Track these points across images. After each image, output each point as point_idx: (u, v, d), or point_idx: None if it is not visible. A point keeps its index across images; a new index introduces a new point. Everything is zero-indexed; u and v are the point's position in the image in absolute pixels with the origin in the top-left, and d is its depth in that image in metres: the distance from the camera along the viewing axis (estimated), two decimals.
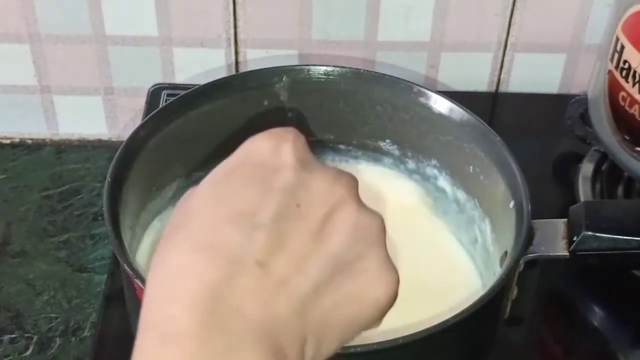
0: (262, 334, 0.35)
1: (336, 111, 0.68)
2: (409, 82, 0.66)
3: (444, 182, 0.68)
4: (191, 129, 0.65)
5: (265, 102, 0.67)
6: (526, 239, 0.56)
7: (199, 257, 0.37)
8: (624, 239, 0.57)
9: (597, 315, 0.69)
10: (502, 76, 0.86)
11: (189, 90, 0.65)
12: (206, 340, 0.35)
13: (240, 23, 0.81)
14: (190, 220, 0.38)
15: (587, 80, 0.76)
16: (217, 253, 0.37)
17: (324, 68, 0.67)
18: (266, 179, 0.39)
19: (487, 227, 0.64)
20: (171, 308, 0.36)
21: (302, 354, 0.37)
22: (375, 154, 0.70)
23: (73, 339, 0.70)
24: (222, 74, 0.84)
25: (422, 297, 0.59)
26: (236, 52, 0.83)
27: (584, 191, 0.75)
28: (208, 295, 0.35)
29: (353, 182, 0.41)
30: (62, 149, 0.87)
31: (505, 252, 0.58)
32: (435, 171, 0.68)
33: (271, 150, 0.40)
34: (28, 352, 0.69)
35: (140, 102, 0.83)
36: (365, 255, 0.40)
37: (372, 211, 0.41)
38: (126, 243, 0.56)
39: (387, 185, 0.70)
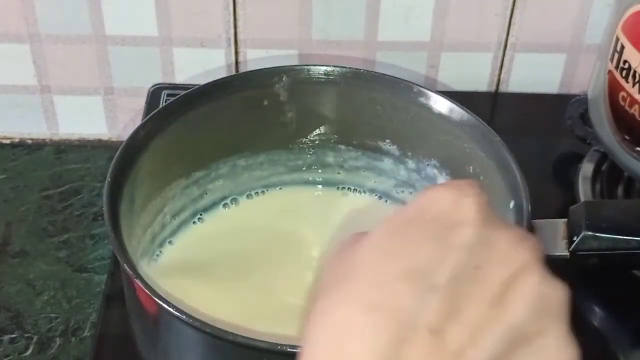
0: None
1: (336, 111, 0.68)
2: (409, 82, 0.66)
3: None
4: (191, 129, 0.65)
5: (265, 102, 0.67)
6: None
7: (367, 317, 0.34)
8: (624, 239, 0.57)
9: (597, 315, 0.69)
10: (502, 76, 0.86)
11: (189, 90, 0.65)
12: None
13: (240, 23, 0.81)
14: (358, 274, 0.36)
15: (587, 80, 0.76)
16: (387, 315, 0.34)
17: (324, 68, 0.67)
18: (444, 234, 0.36)
19: None
20: None
21: None
22: (375, 154, 0.70)
23: (73, 339, 0.70)
24: (222, 74, 0.84)
25: None
26: (236, 52, 0.83)
27: (584, 191, 0.75)
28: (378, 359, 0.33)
29: (539, 246, 0.38)
30: (62, 149, 0.87)
31: None
32: (435, 171, 0.68)
33: (452, 204, 0.37)
34: (28, 352, 0.69)
35: (140, 102, 0.83)
36: (546, 329, 0.36)
37: (557, 281, 0.38)
38: (126, 243, 0.56)
39: (386, 185, 0.70)
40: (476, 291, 0.35)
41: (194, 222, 0.68)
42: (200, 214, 0.68)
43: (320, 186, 0.71)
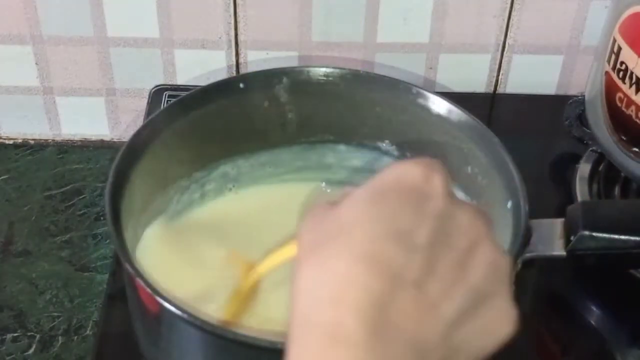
0: (413, 350, 0.38)
1: (336, 112, 0.69)
2: (408, 83, 0.67)
3: None
4: (192, 130, 0.65)
5: (266, 103, 0.68)
6: (523, 238, 0.56)
7: (364, 267, 0.38)
8: (620, 238, 0.57)
9: (594, 315, 0.69)
10: (500, 77, 0.87)
11: (190, 91, 0.66)
12: (370, 348, 0.37)
13: (240, 25, 0.82)
14: (348, 231, 0.40)
15: (585, 82, 0.77)
16: (381, 266, 0.38)
17: (324, 69, 0.67)
18: (420, 203, 0.40)
19: None
20: (338, 312, 0.38)
21: None
22: (374, 154, 0.70)
23: (75, 337, 0.70)
24: (223, 75, 0.84)
25: None
26: (237, 54, 0.84)
27: (581, 191, 0.75)
28: (373, 306, 0.37)
29: (489, 219, 0.43)
30: (65, 149, 0.87)
31: None
32: None
33: (423, 177, 0.41)
34: (31, 351, 0.70)
35: (142, 103, 0.84)
36: (497, 292, 0.41)
37: (504, 250, 0.43)
38: (128, 242, 0.56)
39: None
40: (448, 255, 0.40)
41: (195, 221, 0.68)
42: (201, 213, 0.68)
43: (321, 183, 0.72)
